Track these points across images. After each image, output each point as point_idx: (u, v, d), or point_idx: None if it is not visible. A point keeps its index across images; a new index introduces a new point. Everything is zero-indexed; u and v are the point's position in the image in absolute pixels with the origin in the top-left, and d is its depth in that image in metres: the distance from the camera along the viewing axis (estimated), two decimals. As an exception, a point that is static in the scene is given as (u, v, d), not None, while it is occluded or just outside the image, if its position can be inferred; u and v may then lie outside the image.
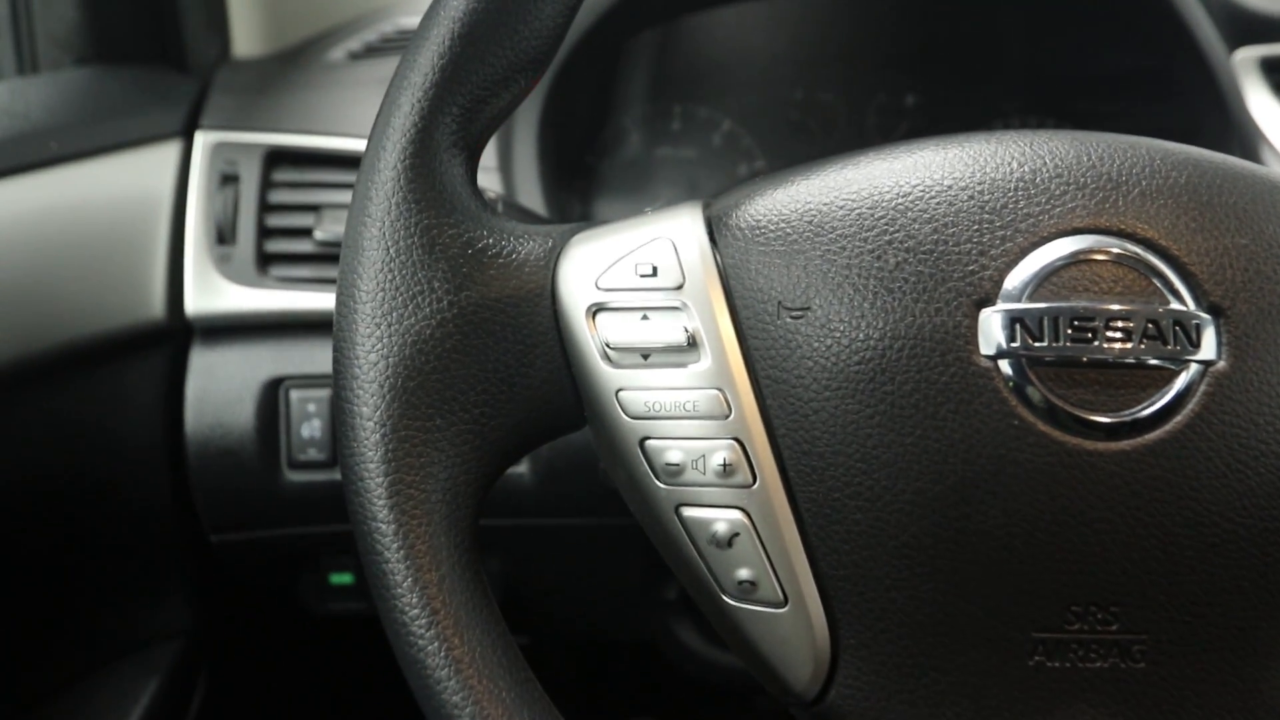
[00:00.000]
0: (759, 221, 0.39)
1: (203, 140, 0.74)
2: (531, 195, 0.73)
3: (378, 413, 0.38)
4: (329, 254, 0.70)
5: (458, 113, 0.41)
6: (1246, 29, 0.79)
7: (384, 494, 0.38)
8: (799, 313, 0.38)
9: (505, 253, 0.41)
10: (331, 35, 0.90)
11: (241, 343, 0.71)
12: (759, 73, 0.88)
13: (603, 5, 0.75)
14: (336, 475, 0.69)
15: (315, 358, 0.70)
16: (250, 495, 0.70)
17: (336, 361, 0.40)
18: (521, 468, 0.71)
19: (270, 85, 0.81)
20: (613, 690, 1.06)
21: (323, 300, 0.70)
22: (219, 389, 0.70)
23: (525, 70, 0.42)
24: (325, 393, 0.69)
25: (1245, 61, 0.78)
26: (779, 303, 0.38)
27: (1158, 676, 0.37)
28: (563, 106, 0.77)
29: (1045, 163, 0.38)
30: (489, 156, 0.75)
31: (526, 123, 0.75)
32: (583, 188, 0.86)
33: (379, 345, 0.39)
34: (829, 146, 0.87)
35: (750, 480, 0.38)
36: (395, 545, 0.37)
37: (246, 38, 0.86)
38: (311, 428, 0.69)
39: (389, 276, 0.39)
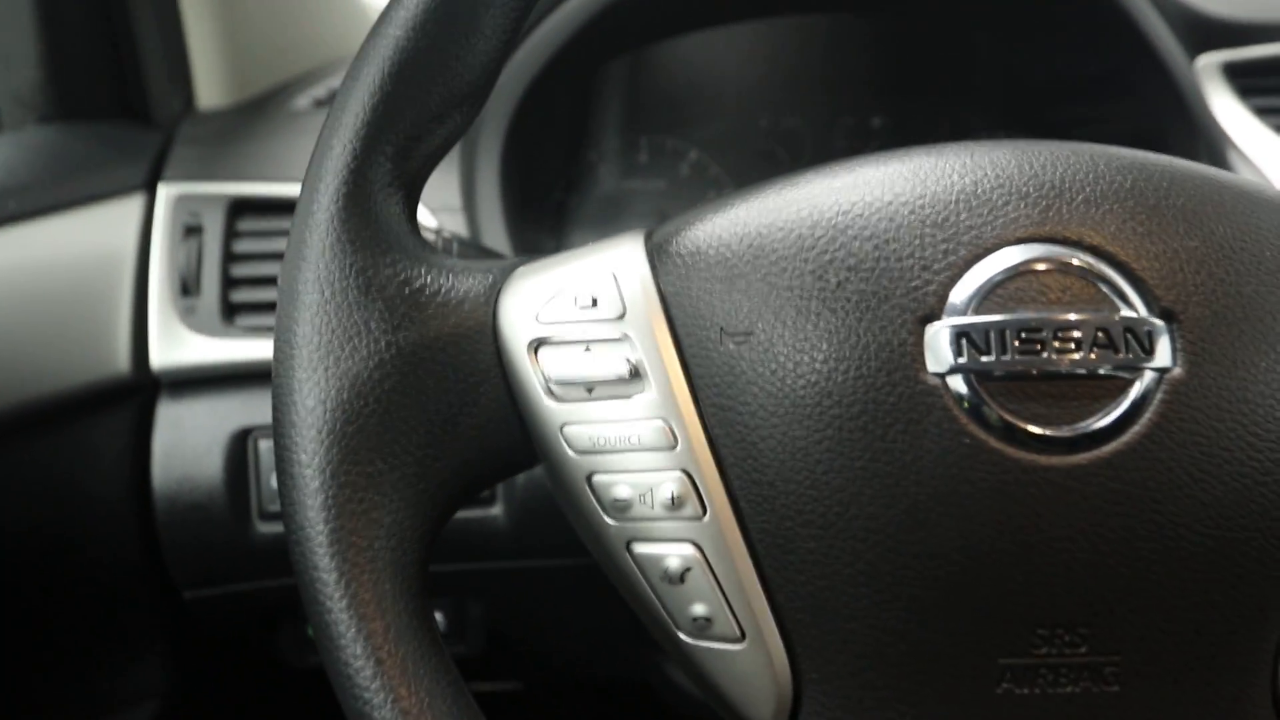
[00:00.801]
0: (699, 247, 0.39)
1: (165, 192, 0.74)
2: (496, 234, 0.73)
3: (316, 459, 0.37)
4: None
5: (392, 151, 0.40)
6: (1208, 35, 0.78)
7: (325, 542, 0.37)
8: (742, 338, 0.37)
9: (444, 290, 0.40)
10: (297, 83, 0.90)
11: (209, 394, 0.70)
12: (725, 101, 0.88)
13: (559, 40, 0.75)
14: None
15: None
16: (222, 548, 0.69)
17: (275, 409, 0.39)
18: (495, 509, 0.70)
19: (234, 135, 0.81)
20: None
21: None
22: (186, 442, 0.69)
23: (460, 105, 0.41)
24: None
25: (1208, 67, 0.78)
26: (721, 329, 0.37)
27: (1132, 699, 0.36)
28: (528, 143, 0.77)
29: (986, 173, 0.37)
30: (453, 196, 0.74)
31: (488, 162, 0.75)
32: (553, 224, 0.86)
33: (316, 390, 0.38)
34: (780, 171, 0.87)
35: (700, 513, 0.37)
36: (338, 595, 0.36)
37: (211, 89, 0.86)
38: (280, 477, 0.68)
39: (325, 319, 0.38)
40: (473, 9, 0.40)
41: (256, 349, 0.69)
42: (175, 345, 0.70)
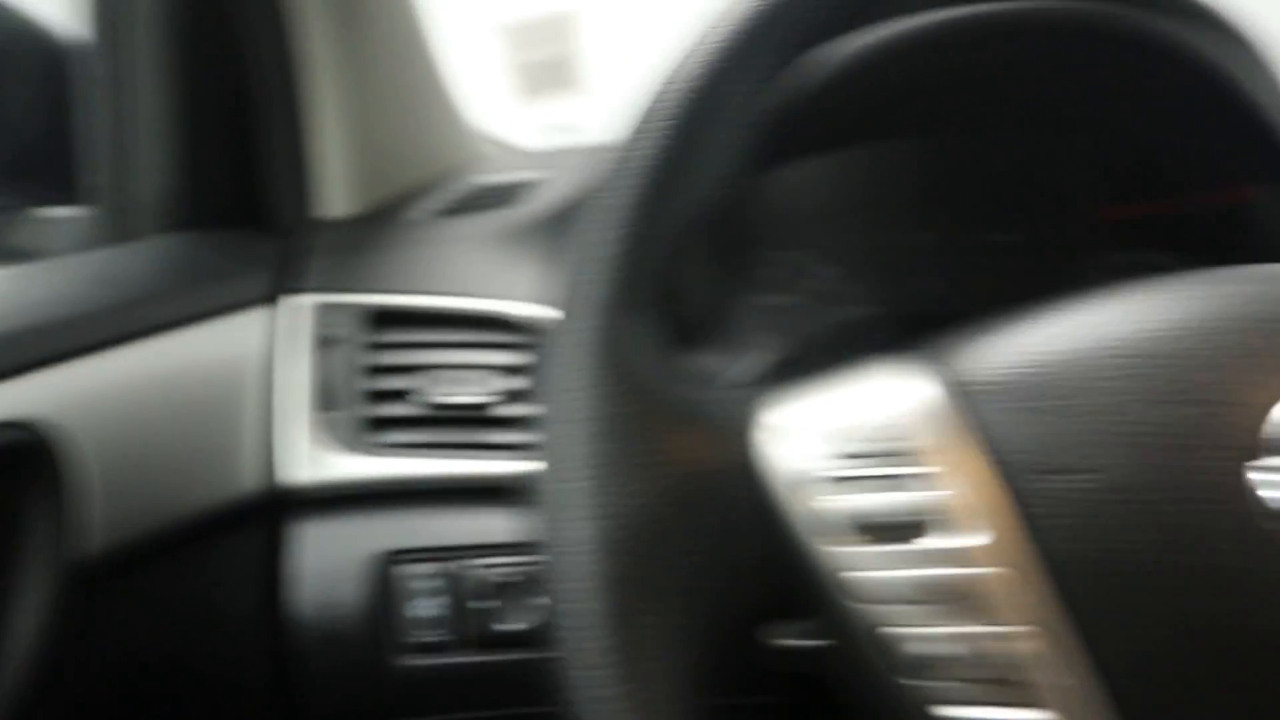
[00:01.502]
0: (1010, 378, 0.36)
1: (297, 303, 0.72)
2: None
3: (603, 616, 0.34)
4: (443, 417, 0.67)
5: (650, 270, 0.39)
6: None
7: (623, 707, 0.33)
8: (1075, 475, 0.34)
9: (709, 419, 0.38)
10: (412, 195, 0.89)
11: (348, 514, 0.67)
12: (851, 216, 0.87)
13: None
14: (459, 658, 0.63)
15: (432, 529, 0.65)
16: (361, 683, 0.64)
17: (547, 553, 0.36)
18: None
19: (362, 245, 0.79)
20: None
21: (438, 466, 0.66)
22: (324, 566, 0.65)
23: (705, 216, 0.41)
24: (444, 567, 0.64)
25: None
26: (1046, 464, 0.35)
27: None
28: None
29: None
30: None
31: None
32: (685, 342, 0.84)
33: (592, 527, 0.35)
34: (919, 287, 0.85)
35: (1049, 675, 0.34)
36: None
37: (333, 198, 0.85)
38: (429, 606, 0.64)
39: (602, 448, 0.36)
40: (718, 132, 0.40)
41: (400, 467, 0.66)
42: (312, 462, 0.67)
